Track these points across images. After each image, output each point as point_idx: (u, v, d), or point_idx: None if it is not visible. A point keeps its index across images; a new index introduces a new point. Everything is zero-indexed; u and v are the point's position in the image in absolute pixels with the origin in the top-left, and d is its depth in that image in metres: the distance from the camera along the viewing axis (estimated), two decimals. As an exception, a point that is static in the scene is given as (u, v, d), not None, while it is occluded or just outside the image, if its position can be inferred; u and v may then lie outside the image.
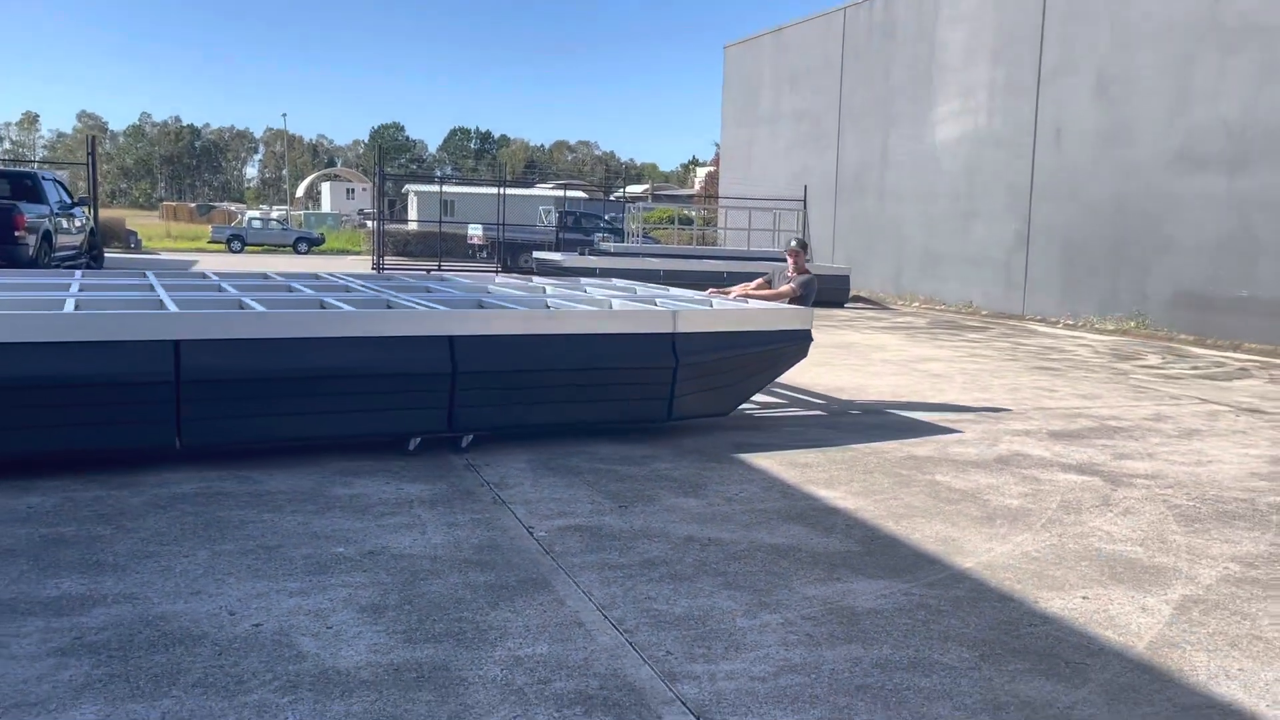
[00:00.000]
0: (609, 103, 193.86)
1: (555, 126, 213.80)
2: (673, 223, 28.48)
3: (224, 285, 7.74)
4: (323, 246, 42.04)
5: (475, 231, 26.47)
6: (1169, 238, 15.89)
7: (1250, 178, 14.61)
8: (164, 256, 32.37)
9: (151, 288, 7.29)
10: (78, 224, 17.96)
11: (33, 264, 14.84)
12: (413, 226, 37.84)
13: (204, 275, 8.77)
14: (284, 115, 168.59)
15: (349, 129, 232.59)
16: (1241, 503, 5.60)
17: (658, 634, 3.61)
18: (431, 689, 3.13)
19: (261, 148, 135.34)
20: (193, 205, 77.78)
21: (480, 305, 7.13)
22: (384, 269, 24.13)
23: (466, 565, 4.23)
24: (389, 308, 6.73)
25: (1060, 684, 3.31)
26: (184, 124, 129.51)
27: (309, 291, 7.55)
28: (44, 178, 16.88)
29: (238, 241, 40.96)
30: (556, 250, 23.81)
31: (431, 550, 4.40)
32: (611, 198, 42.21)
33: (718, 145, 32.10)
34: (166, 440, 5.44)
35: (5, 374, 5.04)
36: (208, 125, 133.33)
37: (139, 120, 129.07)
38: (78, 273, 8.38)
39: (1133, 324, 16.01)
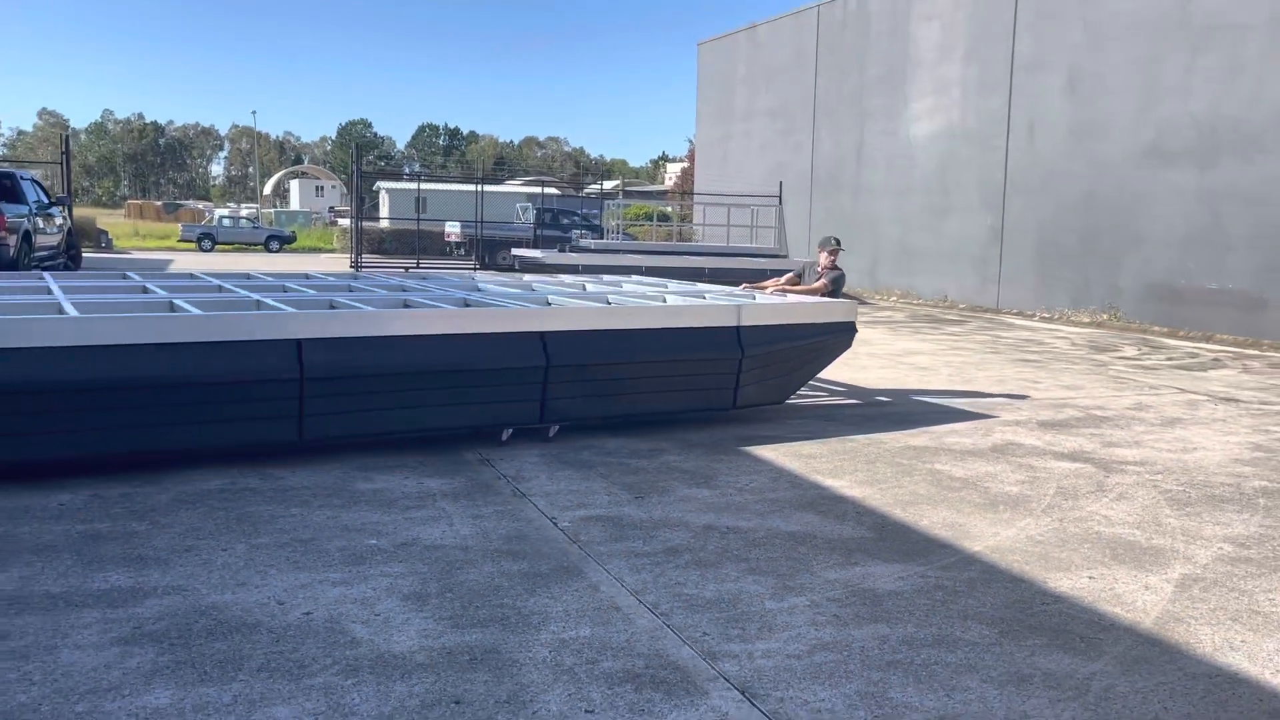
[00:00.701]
0: (578, 98, 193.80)
1: (525, 122, 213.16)
2: (650, 219, 28.61)
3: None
4: (295, 245, 41.87)
5: (453, 229, 26.51)
6: (1140, 231, 16.25)
7: (1219, 172, 14.98)
8: (136, 256, 32.13)
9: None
10: (56, 224, 17.87)
11: (14, 265, 14.78)
12: (385, 224, 37.77)
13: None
14: (254, 113, 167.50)
15: (316, 126, 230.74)
16: (1228, 487, 5.84)
17: (692, 617, 3.77)
18: (486, 670, 3.28)
19: (227, 145, 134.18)
20: (159, 203, 77.06)
21: (548, 303, 7.46)
22: (362, 267, 24.14)
23: (498, 555, 4.37)
24: (465, 306, 6.92)
25: (1077, 657, 3.50)
26: (147, 121, 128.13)
27: (382, 292, 7.75)
28: (22, 177, 16.78)
29: (208, 240, 40.70)
30: (535, 247, 23.90)
31: (462, 541, 4.54)
32: (583, 193, 42.32)
33: (691, 141, 32.34)
34: (290, 436, 5.67)
35: (153, 373, 5.23)
36: (171, 122, 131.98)
37: (101, 117, 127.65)
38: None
39: (1105, 316, 16.37)
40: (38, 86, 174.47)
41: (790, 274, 9.34)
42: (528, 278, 10.71)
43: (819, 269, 9.08)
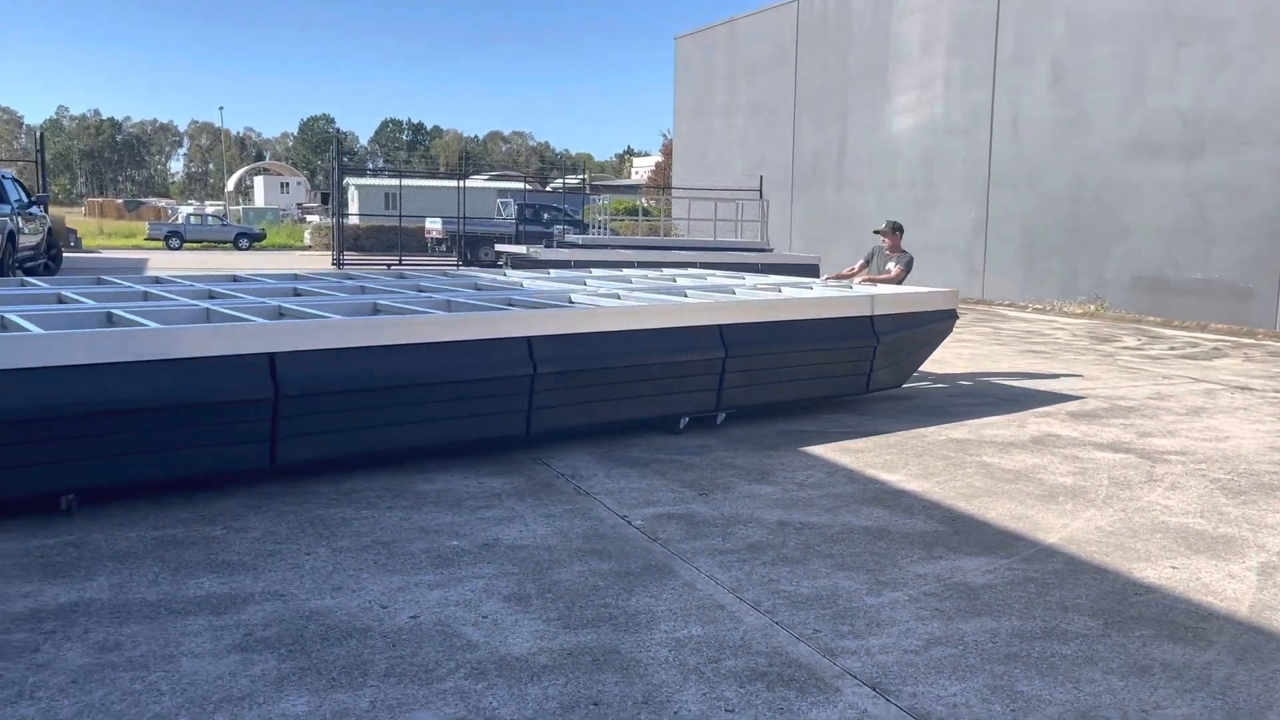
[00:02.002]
0: (543, 93, 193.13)
1: (489, 117, 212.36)
2: (632, 214, 28.58)
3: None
4: (264, 242, 41.40)
5: (434, 225, 26.30)
6: (1126, 223, 16.46)
7: (1204, 164, 15.20)
8: (107, 255, 31.64)
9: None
10: (36, 223, 17.55)
11: (0, 266, 14.52)
12: (355, 220, 37.44)
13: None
14: (221, 109, 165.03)
15: (277, 122, 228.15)
16: (1275, 475, 5.93)
17: (796, 614, 3.77)
18: (612, 670, 3.25)
19: (186, 141, 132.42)
20: (119, 201, 75.86)
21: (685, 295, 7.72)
22: (343, 264, 23.92)
23: (584, 554, 4.34)
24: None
25: (1188, 647, 3.54)
26: (104, 117, 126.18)
27: (500, 290, 7.76)
28: (3, 176, 16.46)
29: (176, 238, 40.13)
30: (517, 243, 23.77)
31: (542, 541, 4.50)
32: (549, 188, 42.15)
33: (665, 135, 32.32)
34: (520, 430, 5.91)
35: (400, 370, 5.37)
36: (129, 118, 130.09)
37: (56, 114, 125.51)
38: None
39: (1093, 307, 16.56)
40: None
41: (860, 262, 9.67)
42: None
43: (886, 252, 9.41)
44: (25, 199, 17.27)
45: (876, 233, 9.53)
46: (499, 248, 22.21)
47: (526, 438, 5.98)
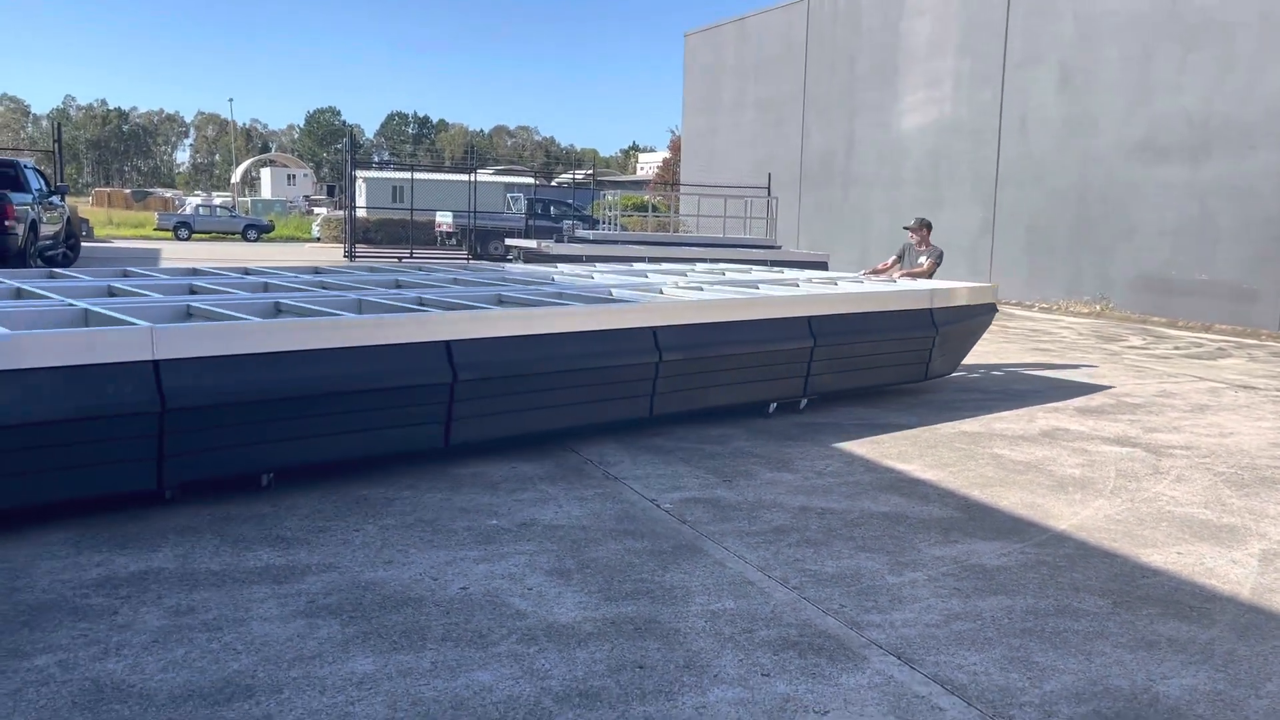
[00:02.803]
0: (549, 87, 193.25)
1: (494, 111, 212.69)
2: (640, 210, 28.81)
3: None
4: (273, 234, 41.65)
5: (444, 219, 26.49)
6: (1132, 224, 16.66)
7: (1210, 167, 15.40)
8: (119, 245, 31.86)
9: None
10: (56, 212, 17.78)
11: (21, 254, 14.74)
12: (362, 213, 37.66)
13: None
14: (230, 101, 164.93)
15: (283, 113, 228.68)
16: (1276, 469, 6.15)
17: (823, 590, 3.99)
18: (654, 638, 3.48)
19: (192, 132, 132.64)
20: (127, 191, 76.06)
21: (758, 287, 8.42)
22: (355, 256, 24.14)
23: (618, 534, 4.57)
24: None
25: (1193, 625, 3.76)
26: (111, 107, 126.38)
27: (595, 285, 8.13)
28: (25, 165, 16.68)
29: (185, 229, 40.41)
30: (527, 237, 23.99)
31: (577, 521, 4.73)
32: (553, 182, 42.32)
33: (673, 131, 32.53)
34: (643, 412, 6.43)
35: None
36: (135, 109, 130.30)
37: (63, 103, 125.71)
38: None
39: (1098, 307, 16.77)
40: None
41: (893, 257, 10.21)
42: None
43: (916, 248, 9.95)
44: (45, 188, 17.50)
45: (906, 229, 10.11)
46: (509, 242, 22.42)
47: (650, 418, 6.53)
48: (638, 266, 10.41)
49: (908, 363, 8.05)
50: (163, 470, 4.54)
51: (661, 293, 7.56)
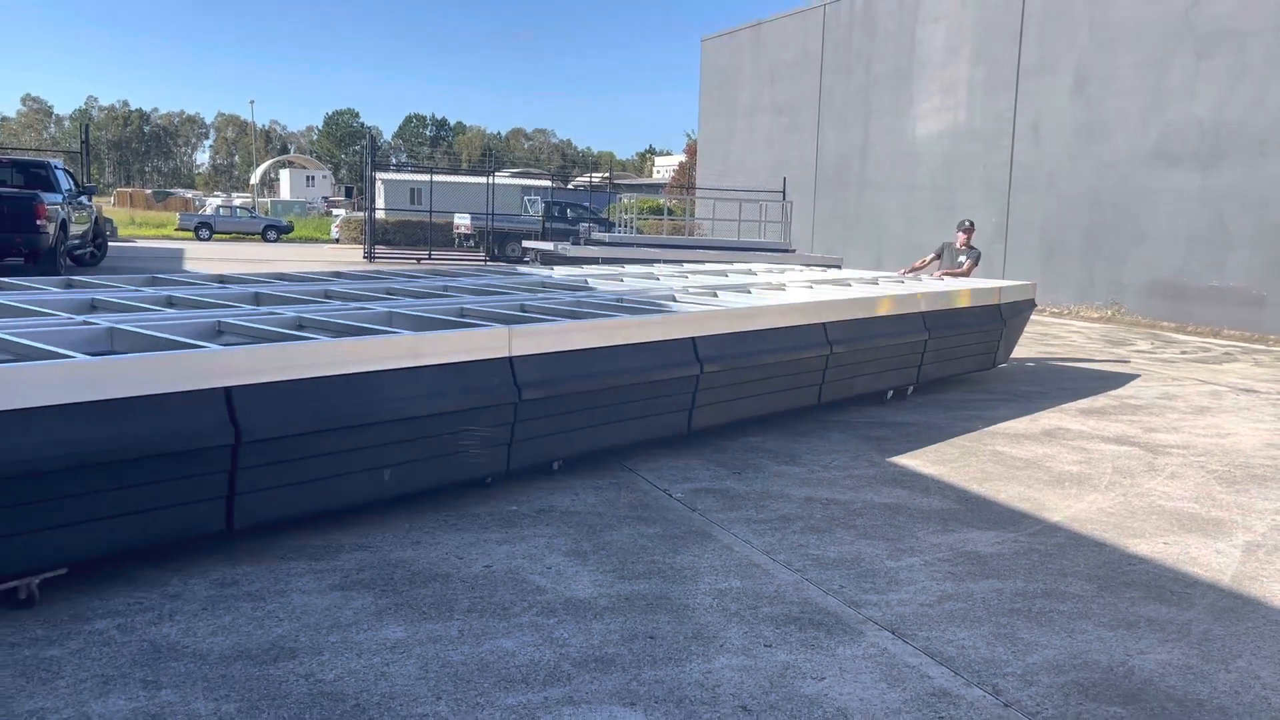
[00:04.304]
0: (566, 91, 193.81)
1: (512, 114, 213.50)
2: (657, 213, 29.08)
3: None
4: (292, 234, 42.08)
5: (463, 221, 26.83)
6: (1144, 230, 16.82)
7: (1222, 174, 15.55)
8: (143, 245, 32.32)
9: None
10: (85, 212, 18.17)
11: (51, 253, 15.11)
12: (380, 215, 38.05)
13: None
14: (252, 103, 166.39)
15: (302, 115, 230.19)
16: (1268, 468, 6.36)
17: (824, 572, 4.24)
18: (665, 613, 3.73)
19: (213, 133, 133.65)
20: (148, 192, 76.84)
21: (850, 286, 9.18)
22: (375, 257, 24.49)
23: (631, 520, 4.83)
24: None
25: (1173, 607, 4.00)
26: (132, 108, 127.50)
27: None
28: (55, 166, 17.07)
29: (205, 229, 40.86)
30: (544, 239, 24.28)
31: (592, 508, 4.99)
32: (571, 185, 42.61)
33: (689, 135, 32.78)
34: (814, 401, 7.15)
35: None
36: (156, 110, 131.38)
37: (85, 104, 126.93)
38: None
39: (1110, 312, 16.94)
40: (21, 72, 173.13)
41: (931, 255, 11.05)
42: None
43: (958, 247, 10.75)
44: (74, 188, 17.89)
45: (959, 229, 10.91)
46: (526, 244, 22.71)
47: (818, 405, 7.22)
48: (693, 267, 10.71)
49: (983, 352, 9.03)
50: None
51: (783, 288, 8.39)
